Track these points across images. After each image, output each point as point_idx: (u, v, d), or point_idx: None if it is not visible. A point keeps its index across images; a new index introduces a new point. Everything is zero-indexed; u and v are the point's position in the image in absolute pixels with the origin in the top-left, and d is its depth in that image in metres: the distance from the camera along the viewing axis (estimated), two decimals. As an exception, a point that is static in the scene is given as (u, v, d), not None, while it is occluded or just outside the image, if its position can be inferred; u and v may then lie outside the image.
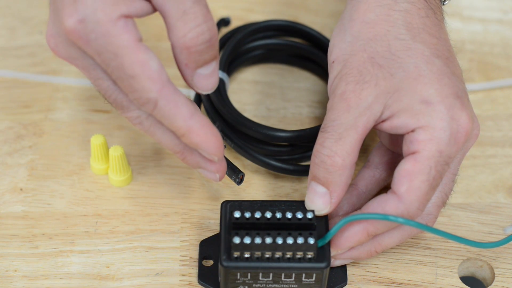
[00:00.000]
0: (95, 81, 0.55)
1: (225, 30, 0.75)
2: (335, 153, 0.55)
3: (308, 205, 0.57)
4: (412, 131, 0.55)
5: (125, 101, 0.55)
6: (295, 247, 0.55)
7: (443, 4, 0.62)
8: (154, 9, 0.53)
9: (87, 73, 0.55)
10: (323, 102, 0.72)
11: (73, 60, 0.55)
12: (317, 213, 0.57)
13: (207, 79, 0.55)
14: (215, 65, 0.55)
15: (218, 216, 0.63)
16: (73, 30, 0.51)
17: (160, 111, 0.53)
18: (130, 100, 0.55)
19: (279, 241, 0.54)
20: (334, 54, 0.58)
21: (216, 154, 0.56)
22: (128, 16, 0.52)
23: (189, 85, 0.56)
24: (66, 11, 0.51)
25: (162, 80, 0.52)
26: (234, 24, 0.76)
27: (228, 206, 0.57)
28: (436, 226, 0.62)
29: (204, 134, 0.55)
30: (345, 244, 0.57)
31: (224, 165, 0.59)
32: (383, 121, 0.56)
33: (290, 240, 0.55)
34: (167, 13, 0.52)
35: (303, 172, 0.65)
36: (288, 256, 0.55)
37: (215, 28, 0.54)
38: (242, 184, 0.63)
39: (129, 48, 0.51)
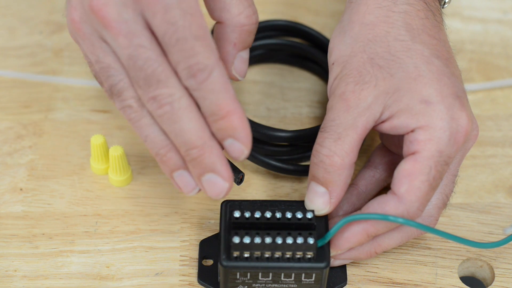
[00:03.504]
0: (137, 49, 0.51)
1: (225, 30, 0.74)
2: (334, 153, 0.55)
3: (308, 205, 0.57)
4: (412, 131, 0.55)
5: (165, 72, 0.51)
6: (294, 247, 0.55)
7: (443, 7, 0.62)
8: None
9: (127, 40, 0.51)
10: (323, 102, 0.72)
11: (120, 23, 0.51)
12: (317, 213, 0.57)
13: (244, 63, 0.58)
14: (248, 52, 0.58)
15: (218, 216, 0.63)
16: None
17: (211, 83, 0.50)
18: (171, 72, 0.51)
19: (279, 241, 0.54)
20: (334, 56, 0.58)
21: (247, 146, 0.53)
22: None
23: (229, 69, 0.57)
24: None
25: (217, 52, 0.51)
26: (234, 24, 0.76)
27: (228, 206, 0.57)
28: (436, 226, 0.62)
29: (244, 119, 0.52)
30: (344, 245, 0.57)
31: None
32: (383, 121, 0.56)
33: (289, 240, 0.54)
34: None
35: (303, 172, 0.65)
36: (288, 256, 0.55)
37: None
38: (242, 184, 0.63)
39: (199, 11, 0.51)
